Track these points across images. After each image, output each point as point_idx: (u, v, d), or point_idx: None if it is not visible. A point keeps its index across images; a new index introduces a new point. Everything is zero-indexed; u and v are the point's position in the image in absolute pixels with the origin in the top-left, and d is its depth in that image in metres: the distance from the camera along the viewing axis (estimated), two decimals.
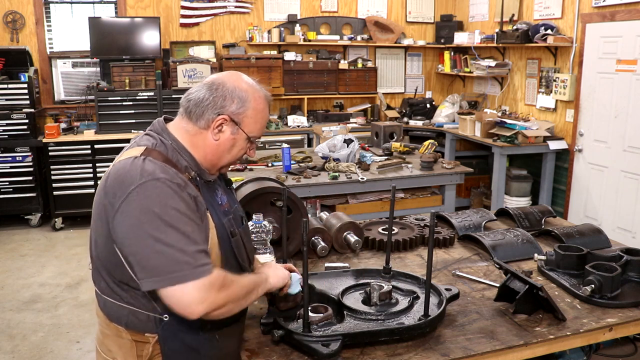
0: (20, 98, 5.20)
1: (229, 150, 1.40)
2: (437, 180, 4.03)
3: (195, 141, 1.37)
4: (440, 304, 1.59)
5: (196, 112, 1.36)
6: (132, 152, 1.31)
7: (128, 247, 1.22)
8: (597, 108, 4.69)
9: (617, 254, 1.90)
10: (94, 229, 1.33)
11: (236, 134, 1.38)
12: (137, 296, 1.30)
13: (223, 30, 6.19)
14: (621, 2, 4.34)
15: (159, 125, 1.41)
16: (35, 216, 5.43)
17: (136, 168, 1.25)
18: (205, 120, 1.35)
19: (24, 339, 3.37)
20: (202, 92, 1.36)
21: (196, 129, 1.37)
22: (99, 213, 1.29)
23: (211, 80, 1.39)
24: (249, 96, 1.38)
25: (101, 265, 1.33)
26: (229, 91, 1.36)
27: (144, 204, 1.20)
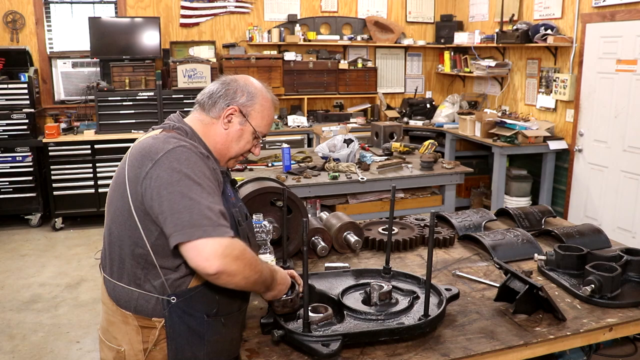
0: (20, 98, 5.20)
1: (237, 141, 1.50)
2: (437, 180, 4.03)
3: (208, 130, 1.48)
4: (440, 304, 1.59)
5: (209, 102, 1.48)
6: (150, 134, 1.41)
7: (159, 206, 1.27)
8: (597, 108, 4.69)
9: (617, 254, 1.90)
10: (112, 211, 1.40)
11: (244, 125, 1.49)
12: (149, 277, 1.36)
13: (223, 30, 6.19)
14: (621, 2, 4.34)
15: (175, 117, 1.50)
16: (35, 216, 5.43)
17: (160, 141, 1.35)
18: (217, 110, 1.47)
19: (24, 339, 3.37)
20: (216, 85, 1.50)
21: (209, 118, 1.48)
22: (119, 190, 1.37)
23: (225, 77, 1.53)
24: (258, 93, 1.51)
25: (118, 246, 1.38)
26: (240, 86, 1.49)
27: (174, 166, 1.29)
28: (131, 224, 1.34)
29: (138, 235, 1.34)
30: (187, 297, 1.36)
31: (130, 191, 1.33)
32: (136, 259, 1.36)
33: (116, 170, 1.43)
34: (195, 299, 1.37)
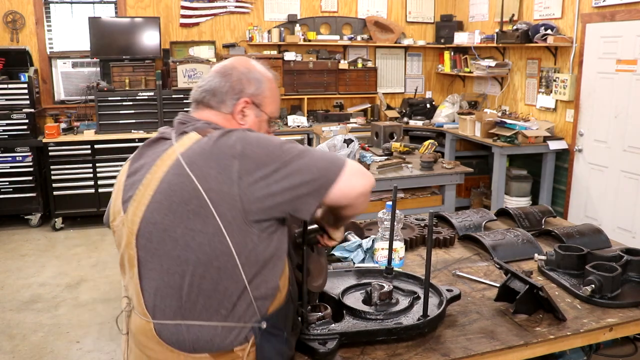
0: (20, 98, 5.20)
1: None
2: (437, 180, 4.03)
3: (225, 127, 1.32)
4: (440, 305, 1.59)
5: (215, 100, 1.34)
6: (185, 141, 1.23)
7: (282, 192, 1.16)
8: (597, 108, 4.69)
9: (617, 254, 1.90)
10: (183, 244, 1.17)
11: (260, 116, 1.37)
12: (238, 306, 1.20)
13: (223, 30, 6.19)
14: (621, 2, 4.34)
15: (190, 118, 1.35)
16: (35, 216, 5.43)
17: (216, 138, 1.20)
18: (227, 106, 1.34)
19: (24, 339, 3.37)
20: (216, 80, 1.34)
21: (222, 115, 1.34)
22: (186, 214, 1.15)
23: (220, 67, 1.37)
24: (263, 76, 1.38)
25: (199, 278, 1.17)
26: (243, 74, 1.35)
27: (261, 144, 1.19)
28: (219, 241, 1.15)
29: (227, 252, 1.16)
30: (274, 318, 1.26)
31: (217, 206, 1.14)
32: (223, 290, 1.19)
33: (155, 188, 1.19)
34: (280, 318, 1.28)
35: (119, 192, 1.31)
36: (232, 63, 1.37)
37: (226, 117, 1.34)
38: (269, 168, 1.17)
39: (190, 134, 1.24)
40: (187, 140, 1.23)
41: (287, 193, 1.17)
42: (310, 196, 1.19)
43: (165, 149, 1.25)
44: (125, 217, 1.25)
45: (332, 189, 1.20)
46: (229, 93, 1.33)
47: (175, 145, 1.23)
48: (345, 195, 1.22)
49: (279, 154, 1.18)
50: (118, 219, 1.28)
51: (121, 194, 1.29)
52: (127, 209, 1.25)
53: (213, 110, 1.34)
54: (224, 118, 1.34)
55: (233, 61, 1.38)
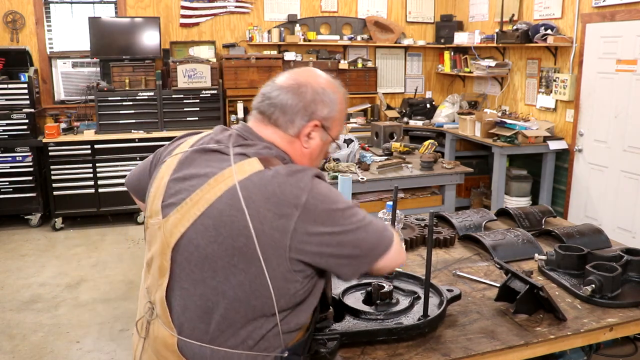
0: (20, 98, 5.20)
1: (317, 157, 1.34)
2: (437, 180, 4.04)
3: (290, 150, 1.28)
4: (440, 305, 1.59)
5: (285, 119, 1.26)
6: (246, 168, 1.16)
7: (329, 255, 1.17)
8: (597, 108, 4.69)
9: (618, 254, 1.90)
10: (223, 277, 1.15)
11: (325, 139, 1.31)
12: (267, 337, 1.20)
13: (223, 30, 6.19)
14: (621, 2, 4.34)
15: (251, 133, 1.27)
16: (35, 216, 5.43)
17: (283, 178, 1.14)
18: (295, 127, 1.26)
19: (24, 339, 3.37)
20: (288, 96, 1.26)
21: (287, 137, 1.27)
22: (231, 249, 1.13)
23: (293, 82, 1.28)
24: (337, 97, 1.31)
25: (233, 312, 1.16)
26: (319, 94, 1.27)
27: (327, 207, 1.16)
28: (260, 284, 1.14)
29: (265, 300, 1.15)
30: (296, 347, 1.26)
31: (265, 251, 1.11)
32: (254, 325, 1.18)
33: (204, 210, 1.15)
34: (300, 346, 1.28)
35: (159, 191, 1.26)
36: (305, 79, 1.29)
37: (290, 140, 1.28)
38: (326, 229, 1.15)
39: (252, 160, 1.18)
40: (247, 167, 1.17)
41: (334, 259, 1.19)
42: (353, 267, 1.23)
43: (221, 168, 1.18)
44: (164, 224, 1.21)
45: (373, 266, 1.25)
46: (299, 113, 1.26)
47: (233, 168, 1.17)
48: (380, 271, 1.29)
49: (340, 218, 1.17)
50: (155, 219, 1.25)
51: (162, 194, 1.25)
52: (168, 216, 1.21)
53: (279, 129, 1.27)
54: (288, 141, 1.27)
55: (306, 76, 1.30)
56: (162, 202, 1.24)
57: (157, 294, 1.23)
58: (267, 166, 1.17)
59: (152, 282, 1.26)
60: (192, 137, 1.38)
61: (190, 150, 1.28)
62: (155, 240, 1.24)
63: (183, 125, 5.55)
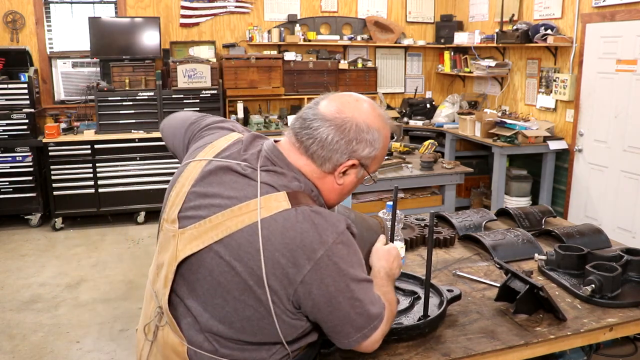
0: (20, 98, 5.20)
1: (348, 193, 1.30)
2: (437, 180, 4.04)
3: (320, 184, 1.24)
4: (441, 305, 1.59)
5: (322, 154, 1.19)
6: (272, 204, 1.13)
7: (328, 315, 1.16)
8: (597, 108, 4.69)
9: (618, 254, 1.90)
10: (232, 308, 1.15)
11: (360, 176, 1.27)
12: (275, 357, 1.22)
13: (223, 30, 6.19)
14: (621, 2, 4.34)
15: (280, 158, 1.22)
16: (35, 216, 5.43)
17: (308, 226, 1.11)
18: (332, 164, 1.20)
19: (24, 339, 3.37)
20: (331, 132, 1.18)
21: (320, 172, 1.22)
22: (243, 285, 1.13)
23: (338, 114, 1.19)
24: (381, 136, 1.24)
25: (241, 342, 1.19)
26: (363, 132, 1.20)
27: (339, 269, 1.13)
28: (262, 316, 1.15)
29: (273, 335, 1.17)
30: (304, 357, 1.28)
31: (274, 294, 1.12)
32: (262, 349, 1.20)
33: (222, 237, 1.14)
34: (307, 355, 1.30)
35: (178, 198, 1.23)
36: (351, 112, 1.20)
37: (323, 175, 1.23)
38: (329, 290, 1.13)
39: (279, 195, 1.14)
40: (274, 204, 1.13)
41: (325, 322, 1.18)
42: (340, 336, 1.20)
43: (247, 197, 1.15)
44: (180, 235, 1.19)
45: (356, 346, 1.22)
46: (339, 151, 1.19)
47: (259, 201, 1.13)
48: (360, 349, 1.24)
49: (345, 288, 1.14)
50: (171, 226, 1.22)
51: (180, 203, 1.22)
52: (185, 229, 1.19)
53: (314, 164, 1.21)
54: (320, 175, 1.22)
55: (352, 108, 1.21)
56: (179, 212, 1.21)
57: (163, 301, 1.23)
58: (294, 204, 1.13)
59: (160, 288, 1.25)
60: (221, 138, 1.32)
61: (215, 165, 1.23)
62: (168, 247, 1.23)
63: None
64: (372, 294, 1.21)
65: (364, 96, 1.29)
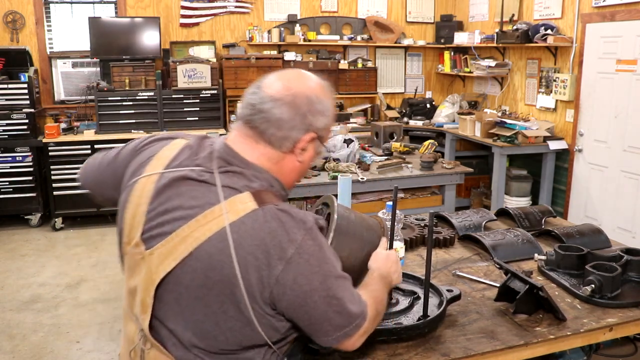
0: (20, 98, 5.20)
1: (309, 167, 1.28)
2: (437, 180, 4.03)
3: (278, 168, 1.20)
4: (440, 305, 1.59)
5: (280, 135, 1.16)
6: (238, 207, 1.10)
7: (305, 315, 1.12)
8: (597, 108, 4.69)
9: (617, 254, 1.90)
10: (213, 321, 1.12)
11: (319, 149, 1.25)
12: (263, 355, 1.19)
13: (223, 30, 6.19)
14: (621, 2, 4.34)
15: (235, 157, 1.18)
16: (35, 216, 5.43)
17: (276, 226, 1.08)
18: (291, 142, 1.18)
19: (24, 339, 3.37)
20: (284, 110, 1.15)
21: (279, 154, 1.19)
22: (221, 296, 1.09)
23: (287, 91, 1.17)
24: (330, 105, 1.23)
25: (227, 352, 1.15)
26: (314, 103, 1.18)
27: (311, 268, 1.10)
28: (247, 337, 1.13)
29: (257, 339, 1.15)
30: (293, 349, 1.27)
31: (252, 299, 1.09)
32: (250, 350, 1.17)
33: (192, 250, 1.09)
34: (296, 346, 1.29)
35: (136, 219, 1.18)
36: (297, 86, 1.18)
37: (282, 157, 1.19)
38: (303, 290, 1.10)
39: (244, 196, 1.10)
40: (240, 206, 1.09)
41: (302, 321, 1.15)
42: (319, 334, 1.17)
43: (210, 203, 1.10)
44: (149, 257, 1.14)
45: (336, 344, 1.18)
46: (296, 127, 1.16)
47: (224, 206, 1.09)
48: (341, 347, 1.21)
49: (320, 285, 1.11)
50: (136, 249, 1.17)
51: (141, 224, 1.16)
52: (152, 249, 1.14)
53: (271, 148, 1.18)
54: (279, 157, 1.19)
55: (298, 83, 1.20)
56: (142, 233, 1.16)
57: (144, 326, 1.19)
58: (260, 204, 1.10)
59: (138, 313, 1.20)
60: (165, 148, 1.26)
61: (170, 177, 1.17)
62: (138, 271, 1.18)
63: (183, 125, 5.55)
64: (350, 292, 1.17)
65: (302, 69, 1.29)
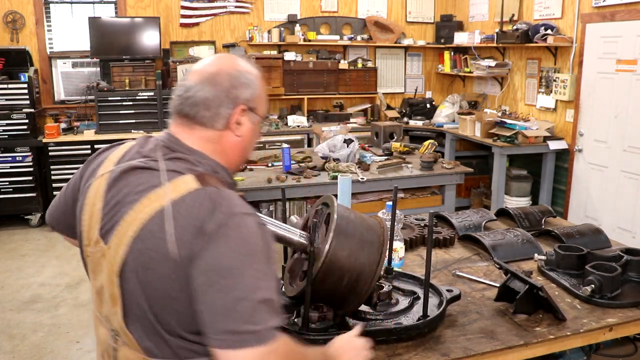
0: (20, 98, 5.20)
1: (252, 141, 1.28)
2: (437, 180, 4.03)
3: (219, 148, 1.21)
4: (440, 305, 1.59)
5: (210, 114, 1.18)
6: (180, 185, 1.10)
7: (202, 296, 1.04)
8: (597, 108, 4.69)
9: (617, 254, 1.90)
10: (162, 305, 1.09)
11: (254, 120, 1.25)
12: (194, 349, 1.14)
13: (223, 30, 6.19)
14: (621, 2, 4.34)
15: (178, 144, 1.20)
16: (35, 216, 5.43)
17: (207, 205, 1.06)
18: (222, 118, 1.19)
19: (24, 339, 3.37)
20: (206, 89, 1.18)
21: (216, 133, 1.20)
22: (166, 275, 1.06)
23: (206, 73, 1.20)
24: (253, 76, 1.24)
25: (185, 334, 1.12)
26: (235, 77, 1.20)
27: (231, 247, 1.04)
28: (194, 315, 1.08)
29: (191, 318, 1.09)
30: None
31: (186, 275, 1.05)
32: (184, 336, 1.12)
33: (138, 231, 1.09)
34: None
35: (93, 219, 1.19)
36: (218, 66, 1.21)
37: (220, 135, 1.20)
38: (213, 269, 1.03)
39: (187, 178, 1.10)
40: (182, 186, 1.09)
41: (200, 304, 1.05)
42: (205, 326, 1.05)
43: (154, 186, 1.11)
44: (108, 251, 1.14)
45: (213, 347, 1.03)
46: (223, 103, 1.18)
47: (167, 186, 1.10)
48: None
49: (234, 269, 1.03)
50: (96, 247, 1.18)
51: (98, 221, 1.17)
52: (109, 242, 1.14)
53: (206, 129, 1.19)
54: (217, 138, 1.20)
55: (218, 63, 1.23)
56: (100, 230, 1.16)
57: (115, 322, 1.17)
58: (203, 184, 1.09)
59: (108, 310, 1.18)
60: (114, 151, 1.29)
61: (119, 171, 1.19)
62: (100, 269, 1.17)
63: None
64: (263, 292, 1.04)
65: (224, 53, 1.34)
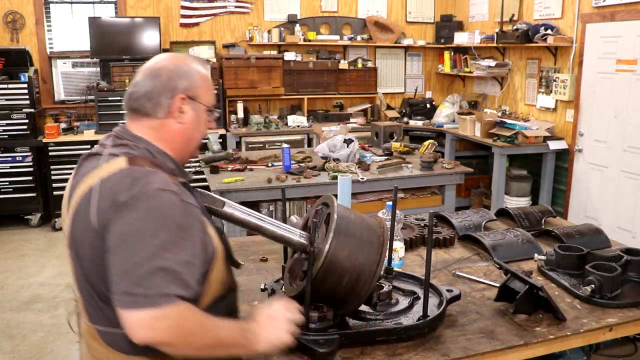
0: (20, 98, 5.20)
1: (197, 128, 1.37)
2: (437, 180, 4.03)
3: (163, 135, 1.32)
4: (440, 305, 1.59)
5: (151, 105, 1.30)
6: (113, 165, 1.22)
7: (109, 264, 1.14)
8: (597, 108, 4.69)
9: (617, 254, 1.90)
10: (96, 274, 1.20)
11: (197, 109, 1.35)
12: None
13: (223, 30, 6.19)
14: (621, 2, 4.34)
15: (126, 132, 1.32)
16: (35, 216, 5.43)
17: (127, 181, 1.17)
18: (163, 108, 1.30)
19: (24, 339, 3.37)
20: (147, 83, 1.31)
21: (159, 122, 1.31)
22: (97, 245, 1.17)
23: (148, 69, 1.33)
24: (192, 69, 1.34)
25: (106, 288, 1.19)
26: (172, 71, 1.32)
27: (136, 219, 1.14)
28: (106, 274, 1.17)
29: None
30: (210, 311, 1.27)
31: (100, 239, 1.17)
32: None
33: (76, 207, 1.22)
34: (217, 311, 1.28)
35: (64, 203, 1.33)
36: (159, 62, 1.34)
37: (163, 124, 1.31)
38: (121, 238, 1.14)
39: (119, 159, 1.23)
40: (113, 166, 1.22)
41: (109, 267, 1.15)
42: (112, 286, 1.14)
43: (94, 167, 1.25)
44: (64, 228, 1.31)
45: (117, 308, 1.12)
46: (162, 93, 1.30)
47: (102, 168, 1.23)
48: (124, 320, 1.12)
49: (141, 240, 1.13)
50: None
51: (66, 206, 1.31)
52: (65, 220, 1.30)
53: (150, 119, 1.31)
54: (160, 124, 1.31)
55: (160, 60, 1.35)
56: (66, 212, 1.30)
57: (75, 292, 1.31)
58: (132, 165, 1.21)
59: (71, 282, 1.33)
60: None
61: (81, 159, 1.37)
62: None
63: None
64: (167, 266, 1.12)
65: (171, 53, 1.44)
